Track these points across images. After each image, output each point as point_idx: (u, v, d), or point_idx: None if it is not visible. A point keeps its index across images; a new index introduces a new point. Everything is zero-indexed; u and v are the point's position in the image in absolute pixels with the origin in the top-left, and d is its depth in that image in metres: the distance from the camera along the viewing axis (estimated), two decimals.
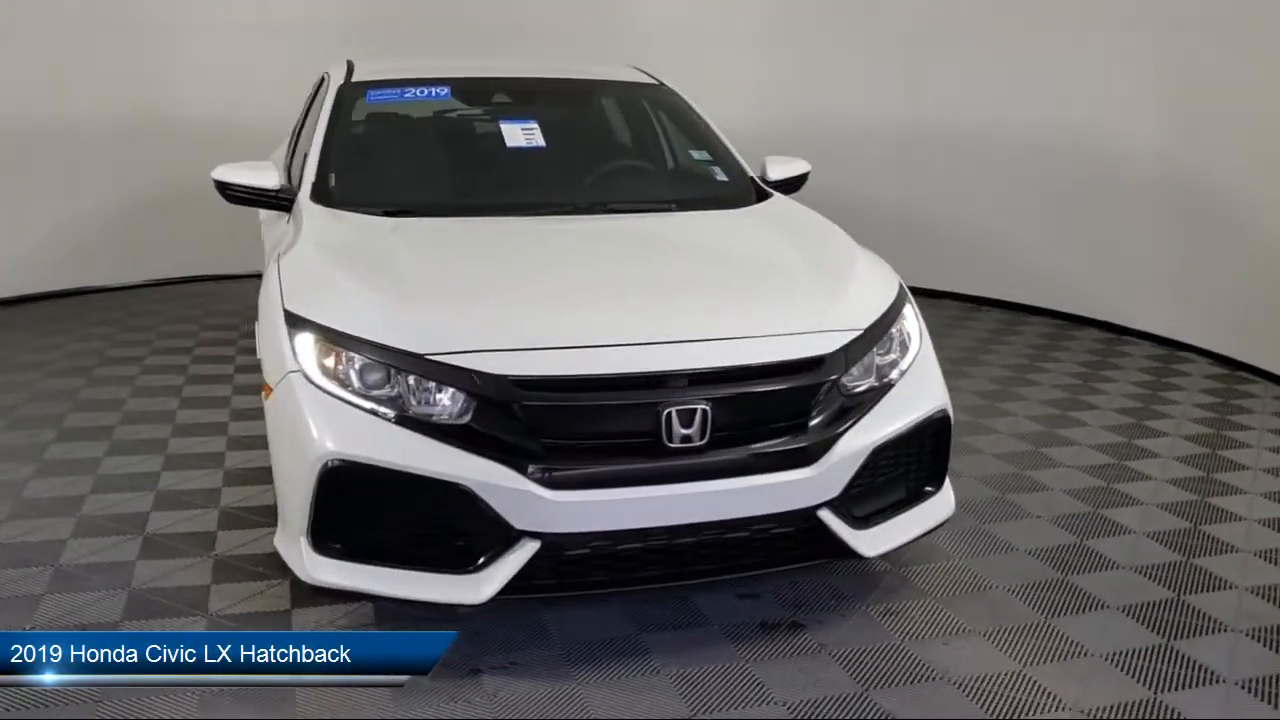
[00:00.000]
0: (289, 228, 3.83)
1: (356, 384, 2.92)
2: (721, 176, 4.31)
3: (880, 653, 3.06)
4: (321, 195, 3.85)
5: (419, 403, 2.86)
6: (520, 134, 4.25)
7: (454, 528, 2.86)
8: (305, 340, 3.00)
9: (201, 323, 6.57)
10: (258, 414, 3.80)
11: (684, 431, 2.85)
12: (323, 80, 4.94)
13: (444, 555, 2.88)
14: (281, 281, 3.24)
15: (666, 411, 2.84)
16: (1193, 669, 3.02)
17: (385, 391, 2.90)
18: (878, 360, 3.19)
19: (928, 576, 3.52)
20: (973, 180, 7.13)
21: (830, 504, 3.01)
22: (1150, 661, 3.05)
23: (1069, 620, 3.26)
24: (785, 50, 7.74)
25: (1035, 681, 2.94)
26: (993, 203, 7.06)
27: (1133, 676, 2.98)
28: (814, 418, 3.01)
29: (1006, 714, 2.80)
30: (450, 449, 2.80)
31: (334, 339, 2.97)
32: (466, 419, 2.84)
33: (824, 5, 7.59)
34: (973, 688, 2.90)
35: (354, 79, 4.47)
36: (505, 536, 2.81)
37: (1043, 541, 3.78)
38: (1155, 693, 2.91)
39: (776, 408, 2.99)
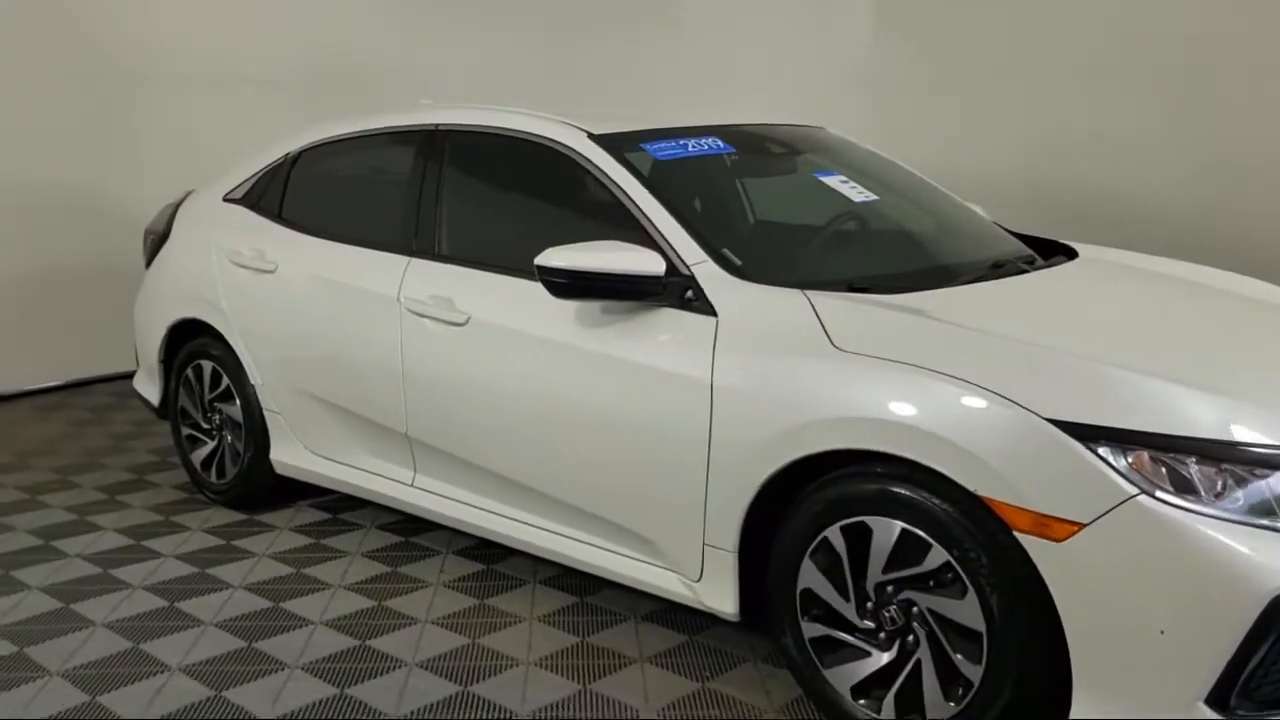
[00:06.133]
0: (711, 321, 2.95)
1: (1205, 494, 2.36)
2: (998, 227, 4.04)
3: None
4: (737, 273, 3.03)
5: None
6: (845, 187, 3.66)
7: None
8: (1121, 455, 2.38)
9: None
10: None
11: None
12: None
13: None
14: (1000, 389, 2.50)
15: None
16: None
17: (1237, 496, 2.38)
18: None
19: None
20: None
21: None
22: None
23: None
24: None
25: None
26: None
27: None
28: None
29: None
30: None
31: (1168, 446, 2.40)
32: None
33: None
34: None
35: (597, 132, 3.52)
36: None
37: None
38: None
39: None
